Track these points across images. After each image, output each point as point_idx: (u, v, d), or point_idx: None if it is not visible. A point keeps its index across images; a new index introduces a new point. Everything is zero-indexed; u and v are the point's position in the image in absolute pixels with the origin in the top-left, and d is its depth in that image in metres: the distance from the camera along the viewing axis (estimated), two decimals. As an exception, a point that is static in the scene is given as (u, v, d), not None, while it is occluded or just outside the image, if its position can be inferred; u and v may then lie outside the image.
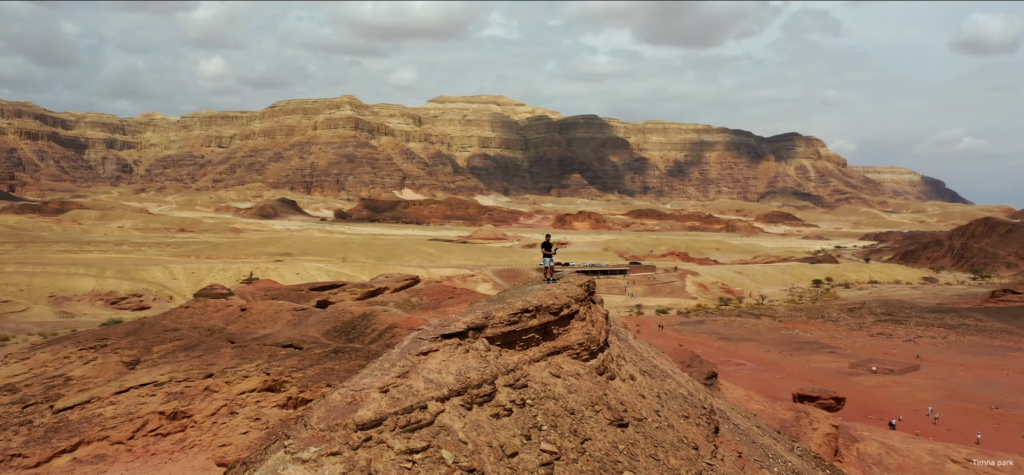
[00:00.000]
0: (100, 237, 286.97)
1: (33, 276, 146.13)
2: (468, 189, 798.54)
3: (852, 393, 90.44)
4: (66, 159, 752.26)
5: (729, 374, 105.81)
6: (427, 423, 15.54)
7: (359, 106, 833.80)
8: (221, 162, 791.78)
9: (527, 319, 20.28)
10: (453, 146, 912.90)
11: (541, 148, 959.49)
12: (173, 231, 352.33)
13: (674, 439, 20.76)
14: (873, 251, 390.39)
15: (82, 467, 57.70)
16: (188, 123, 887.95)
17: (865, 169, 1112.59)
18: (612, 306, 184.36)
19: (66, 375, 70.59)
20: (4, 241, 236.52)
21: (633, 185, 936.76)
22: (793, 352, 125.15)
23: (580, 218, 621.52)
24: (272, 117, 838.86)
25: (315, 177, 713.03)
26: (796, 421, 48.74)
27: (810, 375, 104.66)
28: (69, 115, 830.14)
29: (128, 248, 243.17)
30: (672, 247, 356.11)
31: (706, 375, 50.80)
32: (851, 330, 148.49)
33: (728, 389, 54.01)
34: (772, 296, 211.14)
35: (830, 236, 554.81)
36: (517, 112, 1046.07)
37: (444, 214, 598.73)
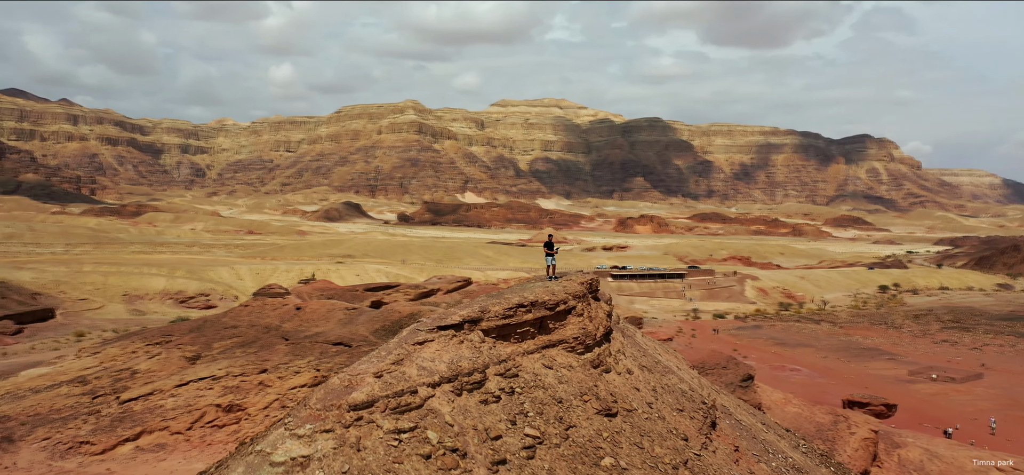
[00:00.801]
0: (173, 239, 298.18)
1: (109, 275, 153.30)
2: (530, 193, 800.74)
3: (908, 401, 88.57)
4: (143, 164, 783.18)
5: (781, 379, 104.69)
6: (416, 406, 16.89)
7: (422, 110, 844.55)
8: (289, 166, 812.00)
9: (522, 314, 21.45)
10: (515, 150, 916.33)
11: (603, 151, 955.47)
12: (242, 233, 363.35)
13: (663, 430, 21.65)
14: (946, 256, 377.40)
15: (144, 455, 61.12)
16: (258, 128, 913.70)
17: (941, 172, 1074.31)
18: (668, 310, 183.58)
19: (132, 369, 74.51)
20: (84, 242, 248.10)
21: (697, 188, 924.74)
22: (851, 358, 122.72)
23: (642, 222, 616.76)
24: (338, 122, 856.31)
25: (379, 181, 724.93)
26: (833, 425, 48.53)
27: (866, 382, 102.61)
28: (146, 121, 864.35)
29: (198, 249, 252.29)
30: (734, 251, 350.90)
31: (741, 377, 50.96)
32: (914, 337, 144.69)
33: (765, 392, 53.96)
34: (835, 302, 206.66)
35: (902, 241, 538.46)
36: (579, 115, 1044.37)
37: (505, 217, 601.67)
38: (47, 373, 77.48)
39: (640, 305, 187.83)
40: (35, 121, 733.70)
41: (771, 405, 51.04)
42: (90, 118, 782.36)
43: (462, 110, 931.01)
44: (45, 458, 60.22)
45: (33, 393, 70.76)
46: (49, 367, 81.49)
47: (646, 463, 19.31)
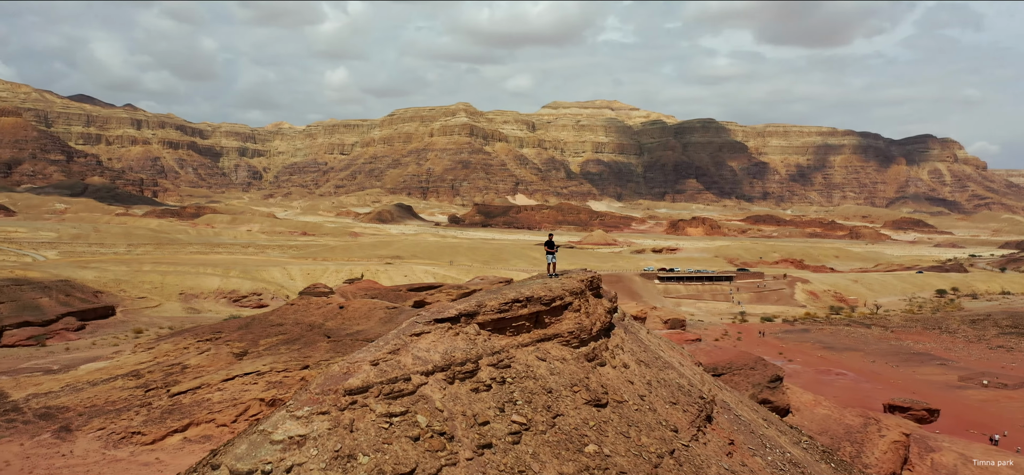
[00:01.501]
0: (230, 240, 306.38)
1: (166, 275, 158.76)
2: (581, 195, 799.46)
3: (955, 407, 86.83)
4: (203, 167, 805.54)
5: (825, 383, 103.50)
6: (409, 392, 18.11)
7: (474, 113, 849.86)
8: (343, 168, 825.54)
9: (517, 308, 22.49)
10: (566, 152, 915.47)
11: (656, 153, 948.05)
12: (296, 234, 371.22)
13: (652, 421, 22.44)
14: (1011, 260, 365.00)
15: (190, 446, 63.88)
16: (313, 132, 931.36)
17: (1008, 173, 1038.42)
18: (715, 313, 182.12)
19: (183, 364, 77.60)
20: (145, 243, 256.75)
21: (752, 190, 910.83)
22: (900, 363, 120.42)
23: (693, 224, 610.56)
24: (391, 125, 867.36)
25: (431, 183, 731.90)
26: (863, 427, 48.36)
27: (913, 387, 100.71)
28: (206, 125, 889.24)
29: (254, 250, 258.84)
30: (787, 254, 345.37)
31: (769, 378, 50.99)
32: (969, 342, 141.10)
33: (795, 394, 53.89)
34: (889, 306, 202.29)
35: (965, 244, 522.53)
36: (631, 117, 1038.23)
37: (555, 219, 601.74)
38: (104, 367, 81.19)
39: (687, 307, 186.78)
40: (101, 126, 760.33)
41: (800, 406, 51.01)
42: (153, 123, 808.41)
43: (513, 112, 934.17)
44: (99, 447, 63.35)
45: (90, 386, 74.28)
46: (106, 361, 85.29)
47: (630, 451, 20.19)
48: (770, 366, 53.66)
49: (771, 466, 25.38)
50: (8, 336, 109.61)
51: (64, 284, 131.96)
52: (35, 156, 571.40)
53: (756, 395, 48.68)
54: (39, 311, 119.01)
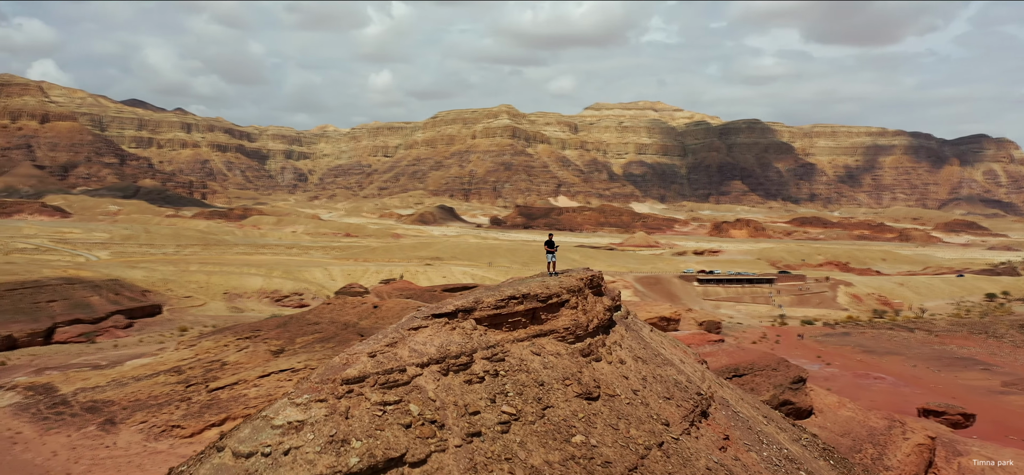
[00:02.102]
0: (274, 241, 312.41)
1: (211, 275, 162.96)
2: (623, 196, 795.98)
3: (995, 412, 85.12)
4: (250, 169, 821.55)
5: (862, 387, 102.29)
6: (403, 383, 19.17)
7: (516, 115, 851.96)
8: (386, 171, 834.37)
9: (513, 305, 23.40)
10: (609, 153, 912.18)
11: (700, 154, 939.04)
12: (339, 236, 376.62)
13: (643, 415, 23.13)
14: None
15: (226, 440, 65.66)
16: (357, 134, 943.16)
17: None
18: (754, 316, 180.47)
19: (222, 360, 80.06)
20: (193, 244, 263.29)
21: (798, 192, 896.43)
22: (941, 368, 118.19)
23: (737, 226, 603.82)
24: (433, 127, 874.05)
25: (473, 185, 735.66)
26: (887, 430, 48.17)
27: (953, 392, 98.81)
28: (253, 128, 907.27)
29: (297, 251, 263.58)
30: (832, 256, 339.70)
31: (791, 379, 50.97)
32: (1016, 347, 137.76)
33: (818, 395, 53.77)
34: (935, 310, 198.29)
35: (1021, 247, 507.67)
36: (675, 118, 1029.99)
37: (597, 221, 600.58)
38: (148, 363, 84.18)
39: (726, 310, 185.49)
40: (153, 129, 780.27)
41: (823, 408, 50.95)
42: (202, 126, 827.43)
43: (555, 114, 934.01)
44: (141, 439, 65.86)
45: (135, 381, 77.11)
46: (150, 358, 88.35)
47: (618, 442, 20.95)
48: (793, 367, 53.63)
49: (766, 461, 25.83)
50: (60, 333, 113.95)
51: (114, 283, 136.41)
52: (90, 159, 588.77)
53: (777, 396, 48.77)
54: (90, 309, 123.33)
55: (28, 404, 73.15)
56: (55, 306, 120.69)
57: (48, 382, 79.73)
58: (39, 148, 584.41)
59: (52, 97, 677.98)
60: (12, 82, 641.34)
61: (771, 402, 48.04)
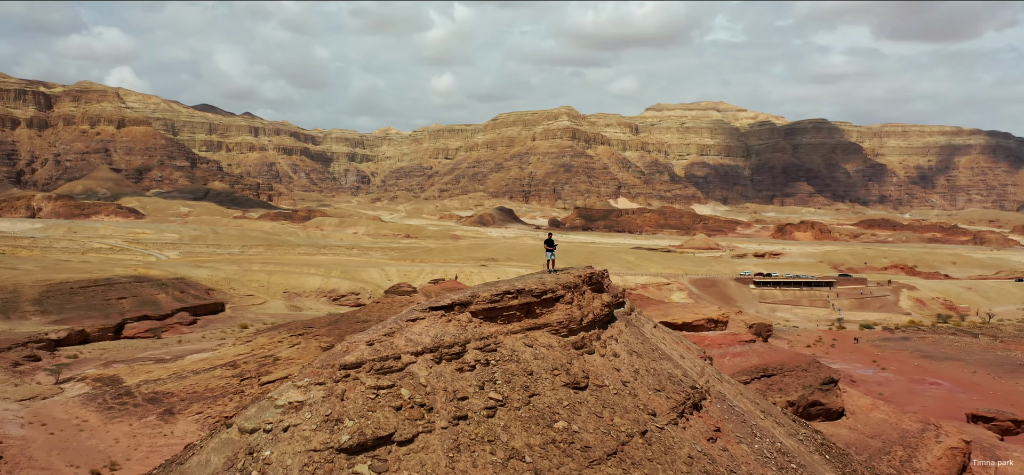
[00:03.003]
0: (336, 242, 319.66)
1: (272, 274, 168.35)
2: (685, 198, 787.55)
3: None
4: (315, 171, 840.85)
5: (915, 393, 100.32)
6: (397, 369, 20.77)
7: (576, 116, 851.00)
8: (447, 173, 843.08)
9: (508, 299, 24.76)
10: (670, 154, 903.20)
11: (764, 155, 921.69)
12: (399, 237, 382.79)
13: (630, 404, 24.20)
14: None
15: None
16: (418, 137, 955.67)
17: None
18: (812, 319, 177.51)
19: (275, 356, 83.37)
20: (257, 244, 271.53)
21: (867, 194, 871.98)
22: (1003, 374, 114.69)
23: (802, 228, 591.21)
24: (494, 129, 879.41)
25: (533, 186, 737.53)
26: (919, 433, 47.90)
27: (1013, 399, 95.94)
28: (318, 132, 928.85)
29: (357, 252, 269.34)
30: (899, 260, 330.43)
31: (822, 380, 50.89)
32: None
33: (852, 397, 53.57)
34: (1005, 315, 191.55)
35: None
36: (738, 118, 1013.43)
37: (657, 223, 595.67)
38: (206, 357, 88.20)
39: (782, 313, 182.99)
40: (222, 133, 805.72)
41: (855, 410, 50.84)
42: (269, 130, 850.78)
43: (616, 115, 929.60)
44: (197, 429, 69.32)
45: (193, 374, 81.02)
46: (209, 352, 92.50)
47: (599, 429, 22.13)
48: (824, 369, 53.44)
49: (756, 453, 26.55)
50: (129, 328, 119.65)
51: (179, 282, 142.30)
52: (163, 163, 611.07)
53: (806, 396, 48.87)
54: (157, 306, 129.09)
55: (95, 394, 77.63)
56: (125, 303, 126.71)
57: (114, 374, 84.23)
58: (116, 152, 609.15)
59: (128, 103, 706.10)
60: (91, 89, 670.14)
61: (799, 402, 48.28)
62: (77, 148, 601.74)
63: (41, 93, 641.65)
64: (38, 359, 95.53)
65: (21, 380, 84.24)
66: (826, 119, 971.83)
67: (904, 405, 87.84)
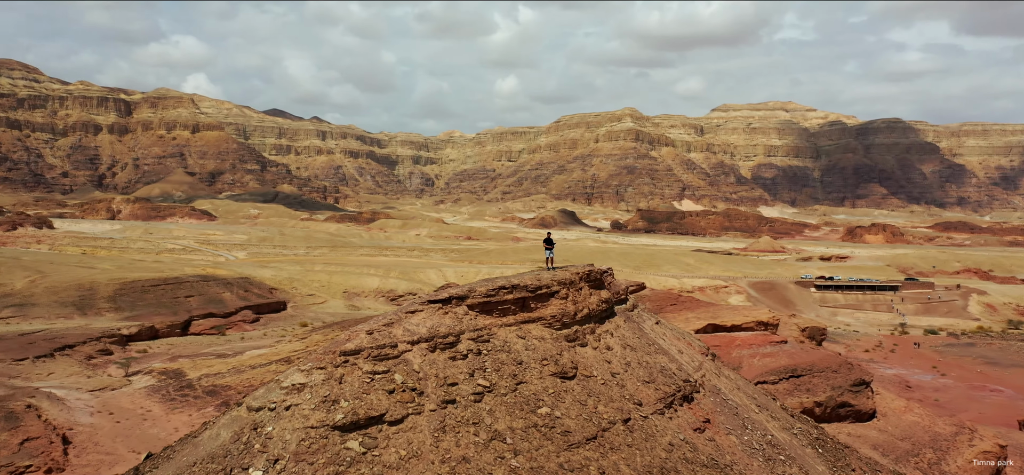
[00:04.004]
0: (398, 243, 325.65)
1: (333, 275, 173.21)
2: (751, 200, 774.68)
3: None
4: (380, 174, 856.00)
5: (974, 399, 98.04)
6: (393, 356, 22.58)
7: (639, 118, 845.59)
8: (509, 175, 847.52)
9: (503, 294, 26.29)
10: (736, 155, 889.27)
11: (834, 156, 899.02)
12: (460, 239, 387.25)
13: (616, 394, 25.42)
14: None
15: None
16: (482, 139, 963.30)
17: None
18: (873, 324, 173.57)
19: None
20: (321, 245, 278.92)
21: (944, 196, 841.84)
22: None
23: (872, 231, 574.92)
24: (556, 131, 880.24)
25: (595, 188, 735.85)
26: (952, 436, 47.59)
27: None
28: (383, 135, 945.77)
29: (418, 253, 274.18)
30: (973, 264, 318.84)
31: (852, 382, 50.69)
32: None
33: (885, 400, 53.27)
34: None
35: None
36: (807, 118, 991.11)
37: (722, 225, 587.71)
38: (264, 353, 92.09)
39: (842, 317, 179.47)
40: (291, 137, 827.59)
41: (887, 412, 50.67)
42: (336, 134, 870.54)
43: (680, 116, 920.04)
44: (250, 419, 72.76)
45: (251, 369, 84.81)
46: (267, 349, 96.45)
47: (582, 416, 23.49)
48: (856, 370, 53.16)
49: (744, 444, 27.37)
50: (195, 325, 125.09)
51: (244, 281, 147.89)
52: (234, 166, 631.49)
53: (834, 397, 48.90)
54: (222, 304, 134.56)
55: (160, 387, 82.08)
56: (192, 301, 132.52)
57: (178, 368, 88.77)
58: (190, 156, 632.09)
59: (202, 109, 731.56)
60: (168, 95, 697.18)
61: (826, 403, 48.43)
62: (154, 152, 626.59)
63: (122, 100, 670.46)
64: (110, 353, 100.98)
65: (93, 372, 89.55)
66: (900, 119, 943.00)
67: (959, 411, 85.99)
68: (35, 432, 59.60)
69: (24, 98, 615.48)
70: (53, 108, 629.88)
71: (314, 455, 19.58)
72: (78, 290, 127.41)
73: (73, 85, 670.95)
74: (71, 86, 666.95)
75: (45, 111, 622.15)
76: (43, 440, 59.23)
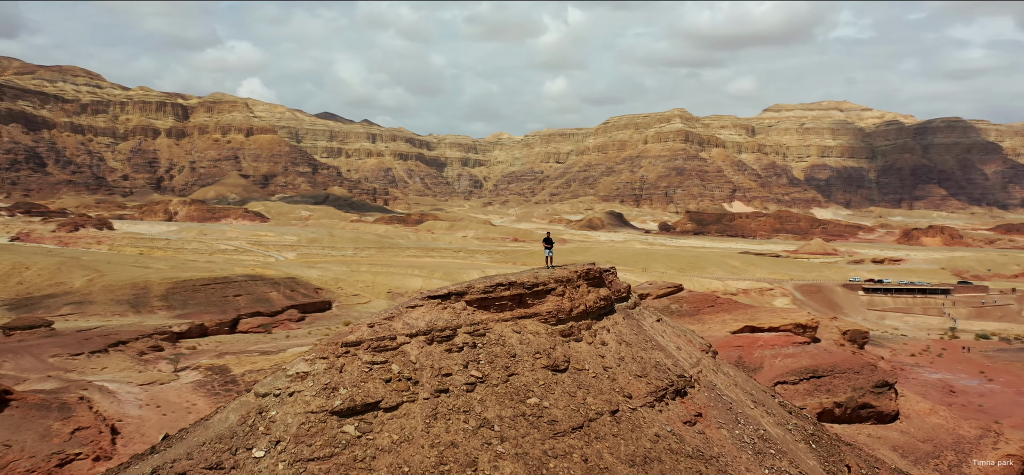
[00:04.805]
0: (444, 245, 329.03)
1: (378, 275, 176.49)
2: (804, 202, 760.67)
3: None
4: (429, 176, 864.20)
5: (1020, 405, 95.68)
6: (391, 348, 24.05)
7: (689, 119, 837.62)
8: (557, 177, 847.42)
9: (500, 291, 27.52)
10: (789, 156, 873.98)
11: (890, 156, 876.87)
12: (507, 241, 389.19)
13: (607, 387, 26.43)
14: None
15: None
16: (530, 141, 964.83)
17: None
18: (923, 328, 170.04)
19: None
20: (369, 247, 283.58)
21: (1008, 197, 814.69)
22: None
23: (930, 233, 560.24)
24: (605, 133, 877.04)
25: (644, 190, 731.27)
26: (977, 439, 47.33)
27: None
28: (432, 137, 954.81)
29: (463, 255, 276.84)
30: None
31: (874, 384, 50.54)
32: None
33: (910, 402, 53.03)
34: None
35: None
36: (863, 118, 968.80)
37: (772, 227, 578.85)
38: (303, 350, 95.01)
39: (891, 321, 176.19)
40: (342, 140, 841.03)
41: (911, 414, 50.52)
42: (385, 136, 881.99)
43: (731, 117, 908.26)
44: (289, 413, 75.27)
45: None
46: (308, 346, 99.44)
47: (569, 406, 24.62)
48: (878, 372, 52.93)
49: (735, 438, 28.09)
50: (243, 323, 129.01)
51: (291, 281, 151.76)
52: (287, 169, 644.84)
53: (855, 398, 48.87)
54: (269, 303, 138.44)
55: (205, 381, 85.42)
56: (240, 300, 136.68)
57: (224, 364, 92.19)
58: (244, 159, 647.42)
59: (256, 112, 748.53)
60: (223, 100, 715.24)
61: (846, 404, 48.54)
62: (210, 156, 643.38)
63: (179, 104, 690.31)
64: (161, 349, 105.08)
65: (144, 367, 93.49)
66: (961, 118, 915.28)
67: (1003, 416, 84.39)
68: (86, 422, 62.89)
69: (87, 103, 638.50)
70: (114, 113, 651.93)
71: (312, 437, 21.15)
72: (133, 289, 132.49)
73: (133, 90, 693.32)
74: (131, 91, 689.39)
75: (107, 116, 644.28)
76: (93, 430, 62.48)
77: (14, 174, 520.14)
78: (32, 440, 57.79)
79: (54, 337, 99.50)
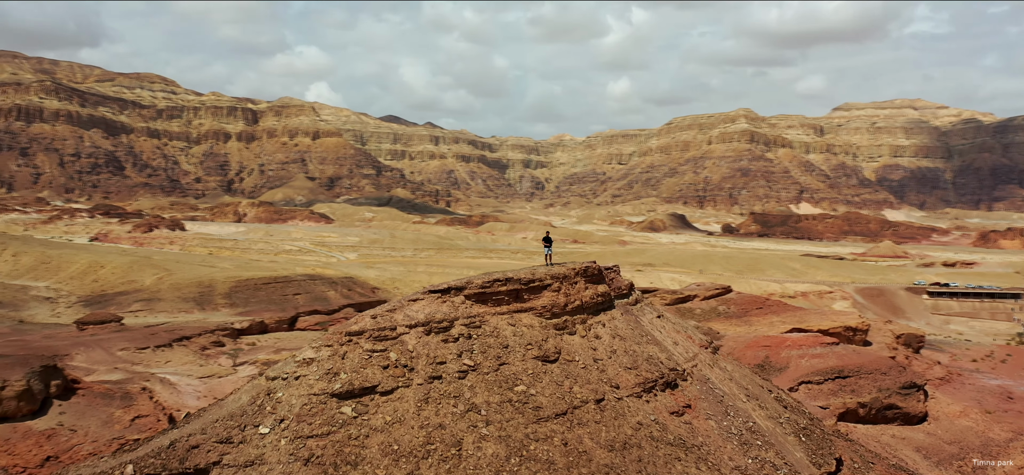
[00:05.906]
0: (503, 246, 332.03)
1: (433, 275, 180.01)
2: (875, 203, 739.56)
3: None
4: (491, 178, 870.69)
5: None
6: (391, 337, 26.05)
7: (754, 119, 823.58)
8: (620, 178, 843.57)
9: (498, 286, 29.19)
10: (859, 156, 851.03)
11: (968, 156, 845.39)
12: (566, 242, 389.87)
13: (595, 378, 27.80)
14: None
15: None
16: (592, 143, 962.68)
17: None
18: (989, 333, 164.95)
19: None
20: (428, 247, 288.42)
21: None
22: None
23: (1009, 236, 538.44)
24: (668, 134, 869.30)
25: (708, 191, 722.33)
26: (1005, 443, 47.00)
27: None
28: (494, 140, 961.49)
29: (522, 256, 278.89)
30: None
31: (901, 385, 50.27)
32: None
33: (939, 404, 52.66)
34: None
35: None
36: (938, 116, 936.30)
37: (840, 229, 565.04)
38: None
39: (956, 326, 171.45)
40: (405, 143, 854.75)
41: (939, 416, 50.32)
42: (448, 139, 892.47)
43: (798, 116, 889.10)
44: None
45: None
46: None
47: (555, 394, 26.16)
48: (907, 374, 52.57)
49: (723, 430, 29.02)
50: (301, 321, 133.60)
51: (348, 280, 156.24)
52: (351, 172, 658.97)
53: (881, 398, 48.76)
54: (326, 302, 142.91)
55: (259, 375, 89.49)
56: (299, 299, 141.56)
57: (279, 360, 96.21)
58: (311, 162, 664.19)
59: (322, 116, 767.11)
60: (290, 104, 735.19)
61: (871, 404, 48.65)
62: (278, 159, 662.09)
63: (249, 109, 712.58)
64: (223, 345, 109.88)
65: (206, 361, 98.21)
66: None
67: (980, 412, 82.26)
68: (145, 411, 67.02)
69: (162, 109, 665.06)
70: (188, 118, 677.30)
71: (313, 417, 23.28)
72: (198, 287, 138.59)
73: (206, 96, 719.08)
74: (204, 97, 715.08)
75: (181, 121, 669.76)
76: (151, 419, 66.54)
77: (94, 177, 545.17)
78: (95, 426, 62.00)
79: (123, 332, 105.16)
